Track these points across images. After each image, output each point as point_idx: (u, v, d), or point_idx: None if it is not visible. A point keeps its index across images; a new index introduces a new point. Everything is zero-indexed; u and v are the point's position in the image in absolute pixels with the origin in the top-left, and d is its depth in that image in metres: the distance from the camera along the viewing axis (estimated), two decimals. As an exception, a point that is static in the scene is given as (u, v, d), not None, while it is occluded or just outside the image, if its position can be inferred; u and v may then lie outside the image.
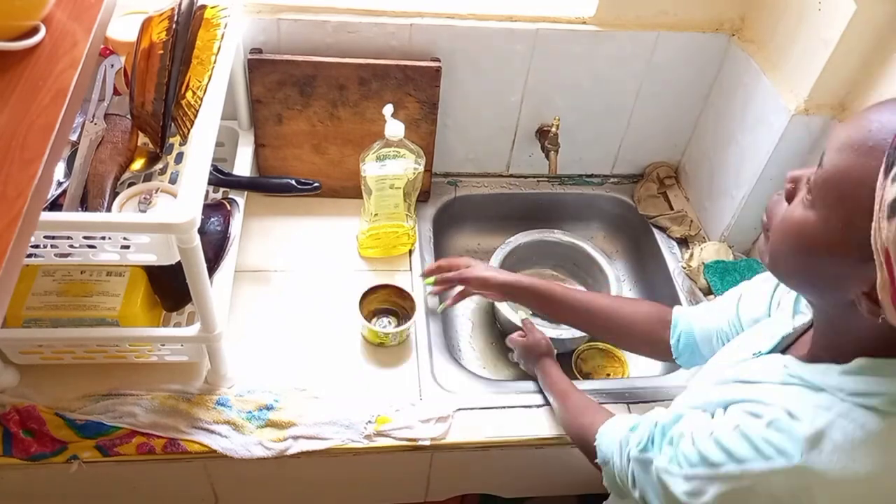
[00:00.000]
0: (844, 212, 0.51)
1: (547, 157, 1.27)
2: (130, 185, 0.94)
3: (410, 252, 1.23)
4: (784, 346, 0.68)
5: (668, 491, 0.64)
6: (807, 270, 0.57)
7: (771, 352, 0.67)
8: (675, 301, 1.21)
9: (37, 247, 0.75)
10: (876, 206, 0.47)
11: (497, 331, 1.28)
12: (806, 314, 0.68)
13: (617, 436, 0.76)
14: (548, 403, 1.02)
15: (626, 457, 0.73)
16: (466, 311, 1.31)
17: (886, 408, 0.52)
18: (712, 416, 0.64)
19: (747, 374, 0.64)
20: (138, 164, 0.96)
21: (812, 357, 0.61)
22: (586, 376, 1.21)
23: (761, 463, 0.55)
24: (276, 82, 1.14)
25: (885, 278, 0.48)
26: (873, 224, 0.48)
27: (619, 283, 1.25)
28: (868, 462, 0.52)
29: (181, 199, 0.73)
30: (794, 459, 0.53)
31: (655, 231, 1.34)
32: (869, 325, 0.52)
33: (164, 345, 0.95)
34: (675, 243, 1.31)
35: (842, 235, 0.51)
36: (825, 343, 0.61)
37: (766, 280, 0.81)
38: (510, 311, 1.19)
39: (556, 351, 1.06)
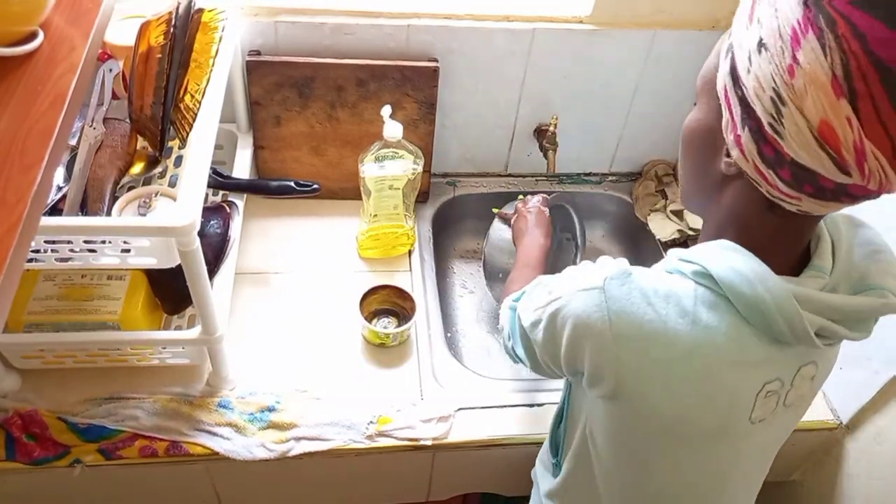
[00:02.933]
0: (710, 88, 0.56)
1: (545, 156, 1.27)
2: (130, 188, 0.94)
3: (410, 252, 1.23)
4: None
5: (519, 324, 0.72)
6: (694, 168, 0.62)
7: None
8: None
9: (37, 251, 0.76)
10: (722, 55, 0.54)
11: (498, 330, 1.28)
12: None
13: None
14: (549, 403, 1.02)
15: (506, 309, 0.80)
16: (467, 311, 1.31)
17: (692, 276, 0.60)
18: None
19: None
20: (137, 167, 0.96)
21: None
22: None
23: (573, 286, 0.64)
24: (275, 84, 1.14)
25: (727, 118, 0.54)
26: (718, 73, 0.54)
27: None
28: (661, 311, 0.58)
29: (181, 202, 0.74)
30: (597, 283, 0.61)
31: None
32: (739, 220, 0.59)
33: (165, 348, 0.95)
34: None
35: (711, 109, 0.57)
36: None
37: None
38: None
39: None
